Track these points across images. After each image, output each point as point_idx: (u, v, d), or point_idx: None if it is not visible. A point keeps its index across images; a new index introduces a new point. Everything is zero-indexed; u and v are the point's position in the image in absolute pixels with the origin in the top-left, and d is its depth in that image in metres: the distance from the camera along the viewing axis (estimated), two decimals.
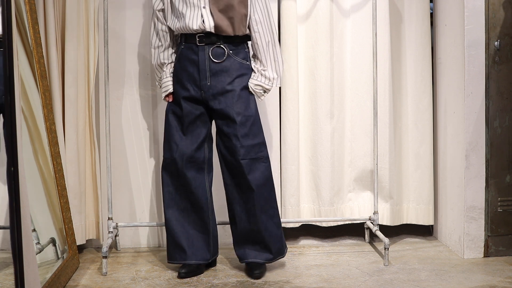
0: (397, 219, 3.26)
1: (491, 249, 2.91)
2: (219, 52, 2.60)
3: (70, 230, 2.73)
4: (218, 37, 2.59)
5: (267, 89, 2.68)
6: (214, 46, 2.59)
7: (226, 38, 2.60)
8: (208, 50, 2.59)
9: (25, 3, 2.51)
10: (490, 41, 2.84)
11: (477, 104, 2.85)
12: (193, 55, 2.60)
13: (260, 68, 2.66)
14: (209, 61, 2.59)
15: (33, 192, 2.47)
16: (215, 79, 2.60)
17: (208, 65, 2.59)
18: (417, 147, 3.24)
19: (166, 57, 2.72)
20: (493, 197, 2.89)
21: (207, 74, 2.59)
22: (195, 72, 2.60)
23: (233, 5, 2.57)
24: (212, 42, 2.59)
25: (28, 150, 2.48)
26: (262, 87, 2.67)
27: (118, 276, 2.68)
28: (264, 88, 2.67)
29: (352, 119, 3.21)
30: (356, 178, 3.24)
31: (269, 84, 2.67)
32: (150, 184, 3.14)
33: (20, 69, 2.38)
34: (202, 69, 2.59)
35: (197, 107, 2.64)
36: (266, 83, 2.66)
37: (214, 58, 2.59)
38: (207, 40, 2.59)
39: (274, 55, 2.67)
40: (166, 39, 2.71)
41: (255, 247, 2.68)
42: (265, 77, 2.65)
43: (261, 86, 2.66)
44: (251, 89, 2.65)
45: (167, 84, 2.70)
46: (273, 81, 2.67)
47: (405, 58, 3.22)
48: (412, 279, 2.61)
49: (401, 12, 3.20)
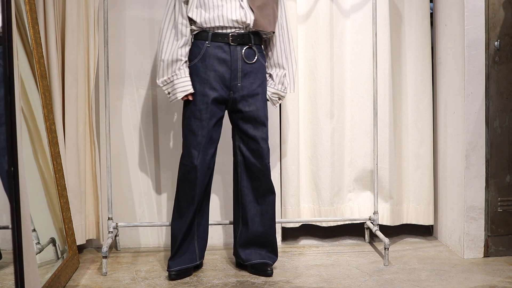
0: (397, 219, 3.26)
1: (491, 249, 2.91)
2: (251, 53, 2.58)
3: (70, 230, 2.73)
4: (249, 38, 2.56)
5: (282, 96, 2.71)
6: (246, 47, 2.56)
7: (256, 40, 2.59)
8: (241, 50, 2.55)
9: (25, 3, 2.51)
10: (490, 41, 2.84)
11: (477, 104, 2.85)
12: (223, 54, 2.54)
13: (280, 73, 2.67)
14: (241, 61, 2.56)
15: (33, 192, 2.47)
16: (246, 80, 2.57)
17: (240, 66, 2.56)
18: (417, 147, 3.24)
19: (183, 53, 2.55)
20: (493, 197, 2.89)
21: (239, 74, 2.56)
22: (226, 72, 2.55)
23: (269, 3, 2.57)
24: (244, 43, 2.56)
25: (28, 150, 2.48)
26: (278, 94, 2.69)
27: (118, 276, 2.68)
28: (279, 96, 2.70)
29: (352, 119, 3.21)
30: (356, 178, 3.24)
31: (284, 92, 2.70)
32: (150, 184, 3.14)
33: (20, 69, 2.38)
34: (234, 69, 2.55)
35: (221, 108, 2.60)
36: (282, 90, 2.69)
37: (247, 59, 2.56)
38: (240, 40, 2.55)
39: (293, 62, 2.71)
40: (185, 34, 2.55)
41: (265, 249, 2.71)
42: (282, 84, 2.67)
43: (278, 94, 2.69)
44: (268, 97, 2.67)
45: (186, 83, 2.55)
46: (289, 88, 2.71)
47: (405, 58, 3.22)
48: (412, 279, 2.61)
49: (401, 12, 3.20)
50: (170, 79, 2.55)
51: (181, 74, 2.54)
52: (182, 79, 2.54)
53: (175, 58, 2.53)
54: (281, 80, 2.66)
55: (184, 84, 2.54)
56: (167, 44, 2.54)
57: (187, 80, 2.55)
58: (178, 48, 2.54)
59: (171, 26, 2.55)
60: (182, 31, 2.54)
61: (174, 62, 2.54)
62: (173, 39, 2.54)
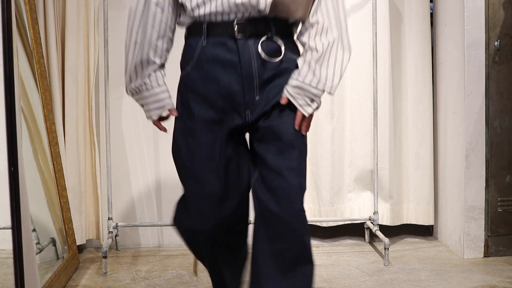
0: (397, 219, 3.26)
1: (491, 249, 2.91)
2: (272, 48, 1.63)
3: (70, 230, 2.73)
4: (267, 25, 1.61)
5: (315, 94, 1.62)
6: (263, 39, 1.61)
7: (279, 27, 1.63)
8: (255, 45, 1.61)
9: (25, 3, 2.51)
10: (490, 41, 2.84)
11: (477, 104, 2.85)
12: (229, 54, 1.60)
13: (310, 58, 1.62)
14: (258, 62, 1.61)
15: (33, 192, 2.47)
16: (268, 90, 1.63)
17: (256, 69, 1.61)
18: (417, 147, 3.24)
19: (159, 52, 1.69)
20: (493, 197, 2.89)
21: (255, 82, 1.62)
22: (235, 82, 1.62)
23: None
24: (260, 33, 1.61)
25: (28, 150, 2.48)
26: (307, 91, 1.61)
27: (118, 276, 2.68)
28: (308, 93, 1.62)
29: (352, 119, 3.21)
30: (356, 178, 3.24)
31: (318, 88, 1.62)
32: (150, 184, 3.14)
33: (20, 69, 2.38)
34: (247, 76, 1.61)
35: (238, 139, 1.72)
36: (313, 84, 1.61)
37: (266, 56, 1.61)
38: (253, 29, 1.60)
39: (340, 45, 1.65)
40: (165, 22, 1.68)
41: None
42: (313, 73, 1.61)
43: (305, 90, 1.61)
44: (287, 95, 1.62)
45: (162, 96, 1.72)
46: (327, 82, 1.61)
47: (405, 58, 3.22)
48: (412, 279, 2.61)
49: (401, 12, 3.20)
50: (140, 89, 1.73)
51: (151, 81, 1.71)
52: (155, 89, 1.71)
53: (144, 59, 1.69)
54: (311, 67, 1.61)
55: (160, 98, 1.71)
56: (135, 34, 1.69)
57: (163, 91, 1.72)
58: (153, 43, 1.68)
59: (144, 11, 1.68)
60: (161, 20, 1.67)
61: (142, 65, 1.70)
62: (144, 31, 1.67)
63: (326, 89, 1.60)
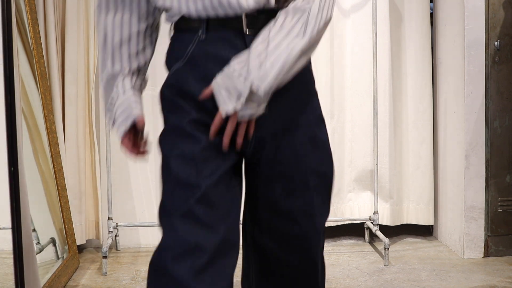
0: (397, 219, 3.26)
1: (491, 249, 2.91)
2: None
3: (70, 230, 2.73)
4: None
5: (239, 90, 1.14)
6: None
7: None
8: None
9: (25, 3, 2.51)
10: (490, 41, 2.84)
11: (477, 104, 2.85)
12: (233, 51, 1.18)
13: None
14: None
15: (33, 192, 2.47)
16: (278, 101, 1.21)
17: None
18: (417, 147, 3.24)
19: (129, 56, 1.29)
20: (493, 197, 2.89)
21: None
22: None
23: None
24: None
25: (28, 150, 2.48)
26: (233, 84, 1.14)
27: (118, 276, 2.68)
28: (235, 89, 1.14)
29: (352, 119, 3.21)
30: (356, 178, 3.24)
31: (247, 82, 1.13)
32: (150, 184, 3.14)
33: (20, 69, 2.38)
34: None
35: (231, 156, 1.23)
36: (244, 75, 1.13)
37: None
38: (265, 21, 1.18)
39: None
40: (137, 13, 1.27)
41: None
42: (258, 57, 1.14)
43: (232, 81, 1.14)
44: (212, 84, 1.17)
45: (126, 103, 1.31)
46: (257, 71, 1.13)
47: (405, 58, 3.22)
48: (412, 279, 2.61)
49: (401, 12, 3.20)
50: (112, 103, 1.31)
51: (119, 92, 1.30)
52: (121, 98, 1.30)
53: (113, 72, 1.30)
54: (252, 50, 1.15)
55: (123, 108, 1.30)
56: (103, 37, 1.28)
57: (127, 98, 1.31)
58: (121, 46, 1.28)
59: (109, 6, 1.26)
60: (131, 7, 1.26)
61: (110, 82, 1.30)
62: (113, 26, 1.27)
63: (252, 84, 1.11)
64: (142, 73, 1.36)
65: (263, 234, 1.27)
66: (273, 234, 1.26)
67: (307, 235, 1.26)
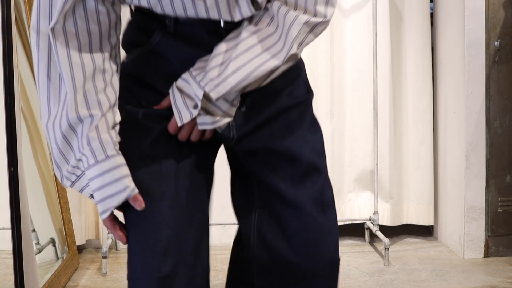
0: (397, 219, 3.26)
1: (491, 249, 2.90)
2: None
3: (70, 230, 2.73)
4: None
5: (191, 97, 1.01)
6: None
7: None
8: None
9: (25, 3, 2.51)
10: (490, 41, 2.84)
11: (477, 104, 2.85)
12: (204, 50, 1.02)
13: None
14: None
15: (33, 193, 2.47)
16: (257, 99, 1.08)
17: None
18: (417, 147, 3.24)
19: (104, 87, 0.99)
20: (493, 197, 2.89)
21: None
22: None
23: None
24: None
25: (28, 151, 2.48)
26: (190, 90, 1.01)
27: (118, 276, 2.67)
28: (192, 95, 1.01)
29: (352, 119, 3.21)
30: (356, 178, 3.24)
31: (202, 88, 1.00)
32: None
33: (20, 69, 2.38)
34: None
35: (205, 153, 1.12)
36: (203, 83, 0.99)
37: None
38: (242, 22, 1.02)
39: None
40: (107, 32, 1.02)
41: None
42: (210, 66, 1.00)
43: (191, 86, 1.01)
44: (170, 90, 1.03)
45: (117, 173, 0.96)
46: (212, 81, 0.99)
47: (405, 58, 3.22)
48: (412, 279, 2.61)
49: (401, 12, 3.20)
50: (75, 166, 0.99)
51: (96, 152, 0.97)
52: (98, 166, 0.97)
53: (79, 116, 0.98)
54: (215, 54, 1.00)
55: (113, 178, 0.97)
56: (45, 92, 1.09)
57: (115, 164, 0.97)
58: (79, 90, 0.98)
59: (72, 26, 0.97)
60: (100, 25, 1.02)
61: (75, 124, 0.99)
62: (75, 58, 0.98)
63: (207, 89, 0.97)
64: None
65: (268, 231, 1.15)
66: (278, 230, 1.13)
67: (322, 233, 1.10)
